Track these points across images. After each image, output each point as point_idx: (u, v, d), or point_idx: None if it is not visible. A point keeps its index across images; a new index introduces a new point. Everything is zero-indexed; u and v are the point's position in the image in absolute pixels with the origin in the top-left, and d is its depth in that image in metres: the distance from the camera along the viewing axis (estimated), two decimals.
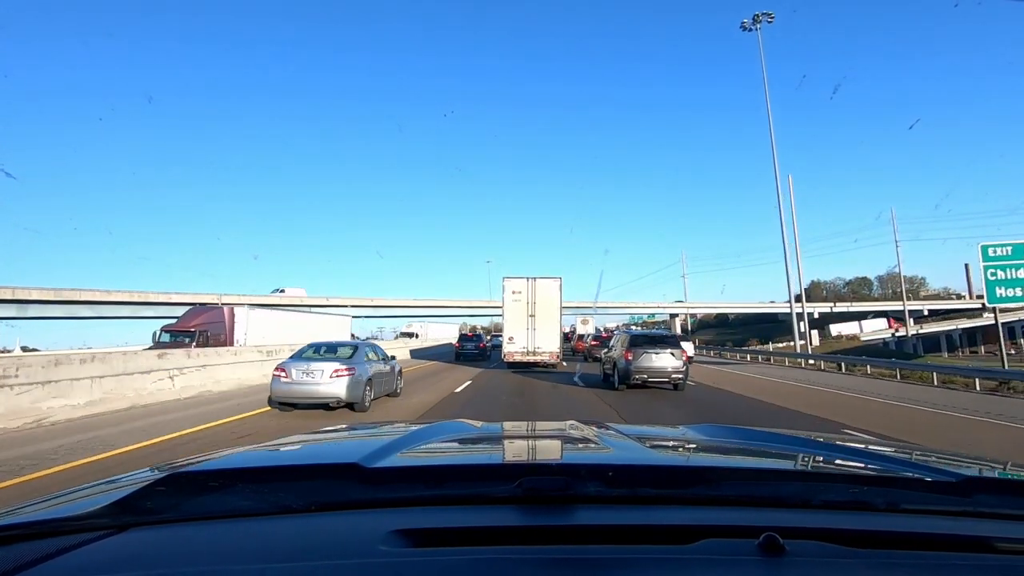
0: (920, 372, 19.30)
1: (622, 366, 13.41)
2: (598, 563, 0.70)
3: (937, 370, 18.47)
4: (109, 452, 6.53)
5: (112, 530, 0.81)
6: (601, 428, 1.64)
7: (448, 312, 60.91)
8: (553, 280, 20.15)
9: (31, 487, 5.06)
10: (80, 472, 5.66)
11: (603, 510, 0.87)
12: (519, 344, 19.71)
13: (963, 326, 59.74)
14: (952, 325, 59.04)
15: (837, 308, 68.99)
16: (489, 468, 1.17)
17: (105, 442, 7.09)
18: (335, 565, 0.70)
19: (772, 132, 21.03)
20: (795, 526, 0.78)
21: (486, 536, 0.78)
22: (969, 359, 45.25)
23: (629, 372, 13.24)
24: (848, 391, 14.85)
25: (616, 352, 14.37)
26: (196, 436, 7.64)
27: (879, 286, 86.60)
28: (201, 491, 0.92)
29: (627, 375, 13.29)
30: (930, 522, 0.84)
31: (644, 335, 14.95)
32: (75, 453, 6.46)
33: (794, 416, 10.09)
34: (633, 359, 13.20)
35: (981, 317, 62.67)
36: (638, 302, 70.35)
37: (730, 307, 75.53)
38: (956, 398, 13.49)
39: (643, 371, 13.21)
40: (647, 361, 13.22)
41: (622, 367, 13.41)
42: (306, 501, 0.87)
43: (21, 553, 0.74)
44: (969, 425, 9.55)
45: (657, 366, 13.24)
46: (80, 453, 6.45)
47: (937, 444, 7.06)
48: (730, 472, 1.15)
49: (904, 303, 49.15)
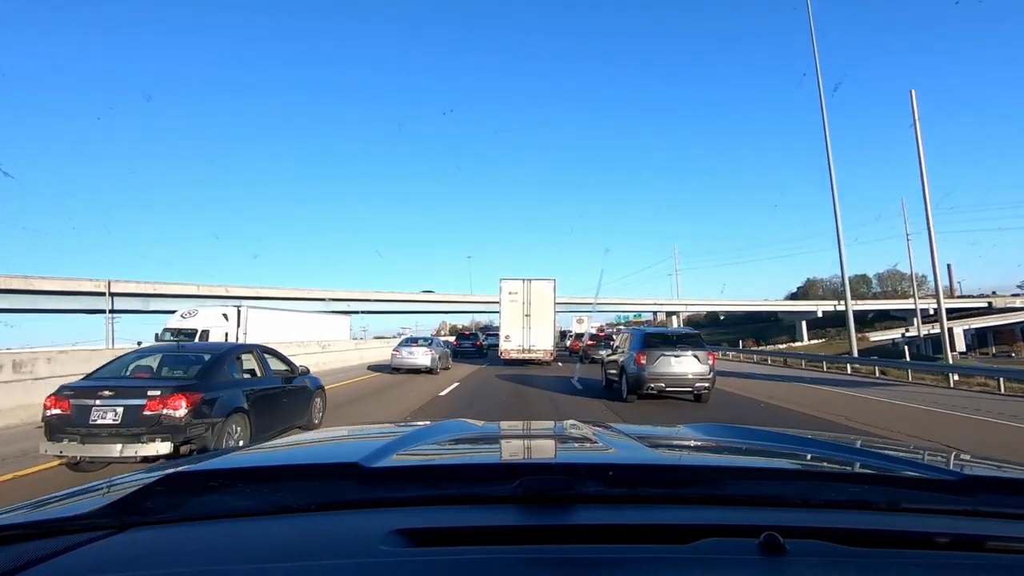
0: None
1: (632, 372, 10.73)
2: (598, 563, 0.70)
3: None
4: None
5: (112, 530, 0.81)
6: (601, 428, 1.63)
7: (434, 309, 58.46)
8: (547, 282, 21.10)
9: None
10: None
11: (603, 510, 0.87)
12: (515, 342, 20.64)
13: (975, 326, 58.04)
14: (964, 325, 56.70)
15: (841, 306, 65.80)
16: (489, 468, 1.15)
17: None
18: (335, 565, 0.70)
19: (824, 108, 16.87)
20: (795, 525, 0.78)
21: (486, 536, 0.78)
22: (993, 361, 43.56)
23: (641, 379, 10.55)
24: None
25: (624, 355, 11.51)
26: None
27: (878, 284, 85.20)
28: (201, 491, 0.91)
29: (639, 383, 10.61)
30: (931, 521, 0.84)
31: (659, 333, 11.78)
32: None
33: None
34: (647, 363, 10.53)
35: (988, 316, 61.69)
36: (635, 299, 67.65)
37: (729, 305, 72.21)
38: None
39: (659, 378, 10.50)
40: (664, 366, 10.53)
41: (632, 373, 10.73)
42: (306, 501, 0.87)
43: (22, 553, 0.74)
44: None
45: (677, 372, 10.53)
46: None
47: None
48: (730, 471, 1.14)
49: (915, 302, 46.80)
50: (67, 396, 5.03)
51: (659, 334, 11.70)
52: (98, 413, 4.92)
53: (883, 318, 68.93)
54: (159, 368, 5.91)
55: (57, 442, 4.96)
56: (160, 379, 5.56)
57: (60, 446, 4.95)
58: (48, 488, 3.76)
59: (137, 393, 5.02)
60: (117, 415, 4.91)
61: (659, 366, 10.53)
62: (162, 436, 4.92)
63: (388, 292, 54.45)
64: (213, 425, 5.29)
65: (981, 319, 60.97)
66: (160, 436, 4.92)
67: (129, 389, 5.11)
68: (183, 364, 5.92)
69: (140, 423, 4.91)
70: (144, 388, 5.07)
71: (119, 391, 5.07)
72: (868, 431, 8.28)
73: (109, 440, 4.90)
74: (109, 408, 4.94)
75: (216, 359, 5.85)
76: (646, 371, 10.50)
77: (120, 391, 5.07)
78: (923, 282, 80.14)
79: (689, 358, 10.61)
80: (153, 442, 4.89)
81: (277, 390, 6.70)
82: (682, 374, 10.54)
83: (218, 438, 5.32)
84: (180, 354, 6.26)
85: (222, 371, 5.77)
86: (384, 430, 1.73)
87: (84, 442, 4.92)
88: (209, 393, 5.35)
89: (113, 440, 4.90)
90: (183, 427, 4.99)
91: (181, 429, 4.98)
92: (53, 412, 5.00)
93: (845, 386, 15.44)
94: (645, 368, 10.52)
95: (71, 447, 4.93)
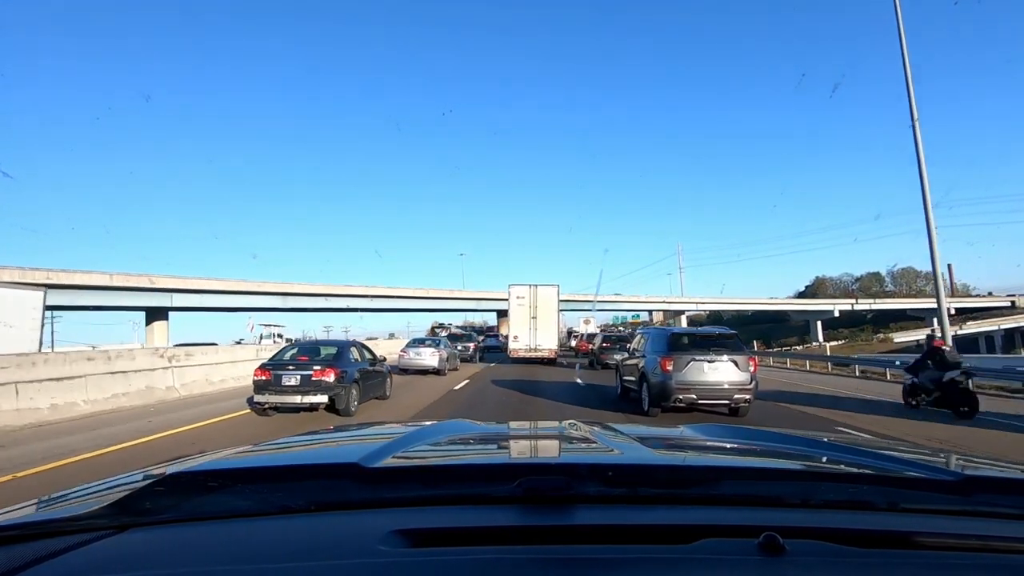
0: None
1: (657, 380, 9.12)
2: (598, 563, 0.71)
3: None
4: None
5: (111, 530, 0.81)
6: (601, 428, 1.63)
7: (424, 306, 52.97)
8: (552, 287, 23.48)
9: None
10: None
11: (603, 510, 0.87)
12: (523, 342, 22.93)
13: (1005, 326, 55.31)
14: (993, 325, 54.69)
15: (859, 305, 65.65)
16: (489, 468, 1.16)
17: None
18: (335, 565, 0.70)
19: (908, 72, 12.09)
20: (795, 526, 0.78)
21: (486, 536, 0.78)
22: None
23: (667, 389, 8.92)
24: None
25: (643, 359, 9.88)
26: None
27: (891, 282, 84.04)
28: (200, 491, 0.92)
29: (664, 393, 8.99)
30: (930, 521, 0.84)
31: (688, 334, 10.17)
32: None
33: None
34: (674, 370, 8.91)
35: (1015, 316, 57.89)
36: (638, 296, 66.94)
37: (738, 304, 71.23)
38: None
39: (689, 388, 8.88)
40: (696, 373, 8.91)
41: (657, 382, 9.12)
42: (306, 501, 0.88)
43: (21, 554, 0.74)
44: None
45: (711, 381, 8.92)
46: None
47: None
48: (730, 472, 1.15)
49: (940, 300, 45.21)
50: (268, 368, 8.93)
51: (688, 334, 10.05)
52: (286, 378, 8.77)
53: (899, 318, 66.32)
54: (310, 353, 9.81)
55: (262, 395, 8.86)
56: (317, 360, 9.40)
57: (264, 398, 8.83)
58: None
59: (307, 367, 8.87)
60: (297, 380, 8.74)
61: (689, 373, 8.86)
62: (321, 392, 8.72)
63: (357, 286, 44.13)
64: (345, 388, 9.06)
65: (1010, 318, 57.97)
66: (320, 392, 8.72)
67: (302, 364, 8.97)
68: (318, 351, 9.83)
69: (309, 384, 8.73)
70: (310, 364, 8.92)
71: (297, 365, 8.93)
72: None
73: (292, 394, 8.71)
74: (292, 375, 8.78)
75: (342, 348, 9.74)
76: (673, 379, 8.84)
77: (298, 365, 8.95)
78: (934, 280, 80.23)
79: (725, 363, 8.92)
80: (316, 395, 8.70)
81: (370, 371, 10.49)
82: (717, 383, 8.87)
83: (347, 397, 9.08)
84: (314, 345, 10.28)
85: (346, 356, 9.60)
86: (384, 431, 1.77)
87: (278, 395, 8.78)
88: (343, 368, 9.15)
89: (294, 394, 8.71)
90: (333, 387, 8.80)
91: (332, 387, 8.79)
92: (260, 379, 8.86)
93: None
94: (672, 376, 8.86)
95: (271, 399, 8.81)
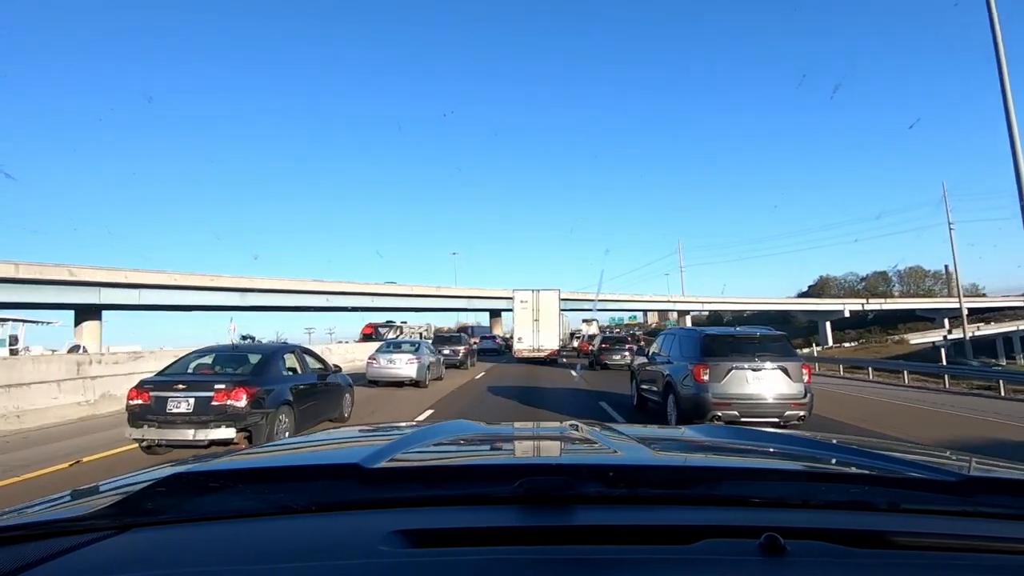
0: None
1: (689, 392, 7.57)
2: (599, 563, 0.71)
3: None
4: None
5: (113, 531, 0.81)
6: (602, 429, 1.62)
7: (414, 304, 48.60)
8: (552, 292, 25.03)
9: None
10: None
11: (604, 510, 0.87)
12: (526, 343, 24.38)
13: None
14: (1013, 327, 52.98)
15: (870, 305, 63.45)
16: (490, 468, 1.16)
17: None
18: (336, 565, 0.70)
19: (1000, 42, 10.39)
20: (796, 526, 0.78)
21: (487, 536, 0.78)
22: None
23: (703, 403, 7.33)
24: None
25: (669, 365, 8.39)
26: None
27: (898, 282, 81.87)
28: (202, 492, 0.91)
29: (699, 408, 7.36)
30: (931, 522, 0.84)
31: (726, 336, 8.27)
32: None
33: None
34: (711, 379, 7.33)
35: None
36: (640, 295, 64.72)
37: (744, 303, 68.49)
38: None
39: (730, 402, 7.27)
40: (738, 384, 7.32)
41: (689, 394, 7.56)
42: (307, 502, 0.87)
43: (23, 554, 0.74)
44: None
45: (756, 393, 7.33)
46: None
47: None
48: (731, 472, 1.15)
49: (960, 300, 41.39)
50: (148, 388, 5.95)
51: (726, 336, 8.23)
52: (174, 403, 5.83)
53: (907, 318, 64.70)
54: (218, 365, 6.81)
55: (138, 427, 5.87)
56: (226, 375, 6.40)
57: (142, 432, 5.87)
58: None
59: (206, 386, 5.90)
60: (189, 405, 5.81)
61: (730, 384, 7.33)
62: (227, 423, 5.81)
63: (329, 282, 39.67)
64: (267, 415, 6.16)
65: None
66: (225, 423, 5.80)
67: (199, 382, 5.99)
68: (238, 362, 6.82)
69: (208, 411, 5.79)
70: (213, 381, 5.96)
71: (193, 384, 5.96)
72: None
73: (183, 427, 5.79)
74: (182, 398, 5.84)
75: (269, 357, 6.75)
76: (710, 391, 7.32)
77: (193, 384, 5.97)
78: (945, 279, 78.00)
79: (774, 372, 7.40)
80: (219, 427, 5.78)
81: (315, 387, 7.52)
82: (764, 396, 7.35)
83: (271, 427, 6.19)
84: (234, 353, 7.19)
85: (273, 367, 6.65)
86: (384, 431, 1.77)
87: (161, 428, 5.82)
88: (264, 387, 6.23)
89: (185, 427, 5.79)
90: (244, 414, 5.88)
91: (243, 415, 5.87)
92: (135, 403, 5.91)
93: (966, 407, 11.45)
94: (708, 387, 7.34)
95: (151, 433, 5.84)
